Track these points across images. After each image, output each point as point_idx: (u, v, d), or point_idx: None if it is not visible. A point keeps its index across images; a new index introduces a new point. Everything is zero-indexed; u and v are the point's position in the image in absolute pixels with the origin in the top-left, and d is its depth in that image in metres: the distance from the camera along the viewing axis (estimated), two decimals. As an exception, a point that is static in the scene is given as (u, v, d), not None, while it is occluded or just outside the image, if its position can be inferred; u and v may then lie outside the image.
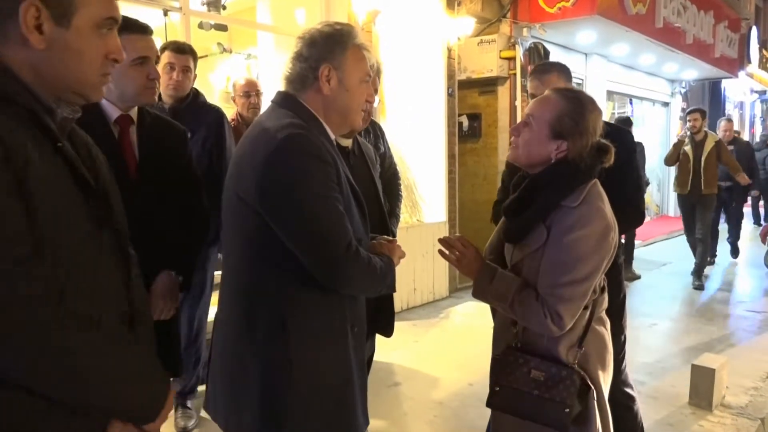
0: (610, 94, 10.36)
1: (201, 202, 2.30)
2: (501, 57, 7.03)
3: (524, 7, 7.10)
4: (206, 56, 6.71)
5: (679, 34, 9.13)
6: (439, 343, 4.81)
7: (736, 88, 15.90)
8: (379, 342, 2.70)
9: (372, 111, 2.41)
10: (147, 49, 2.01)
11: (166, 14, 4.44)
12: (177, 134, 2.28)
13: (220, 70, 6.91)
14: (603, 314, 1.82)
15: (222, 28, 6.32)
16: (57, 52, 1.05)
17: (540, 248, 1.68)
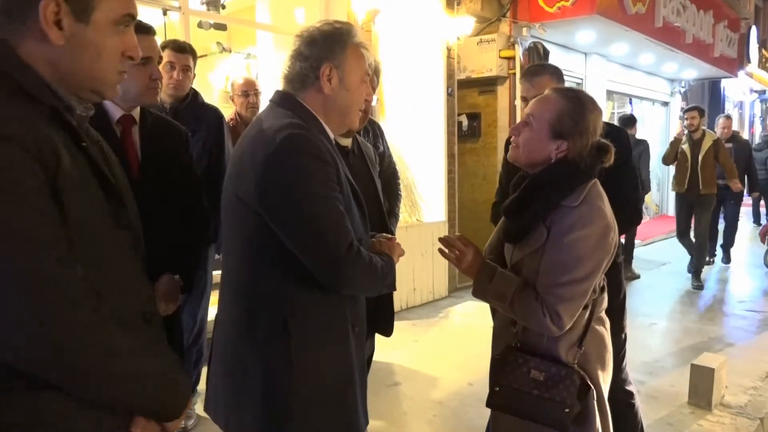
0: (610, 94, 10.36)
1: (201, 202, 2.31)
2: (500, 56, 7.02)
3: (524, 6, 7.10)
4: (205, 56, 6.71)
5: (679, 33, 9.13)
6: (438, 343, 4.81)
7: (735, 88, 15.92)
8: (379, 341, 2.70)
9: (370, 110, 2.40)
10: (150, 49, 2.01)
11: (165, 13, 4.44)
12: (178, 135, 2.29)
13: (219, 70, 6.90)
14: (602, 314, 1.82)
15: (221, 27, 6.31)
16: (76, 48, 1.03)
17: (540, 248, 1.68)
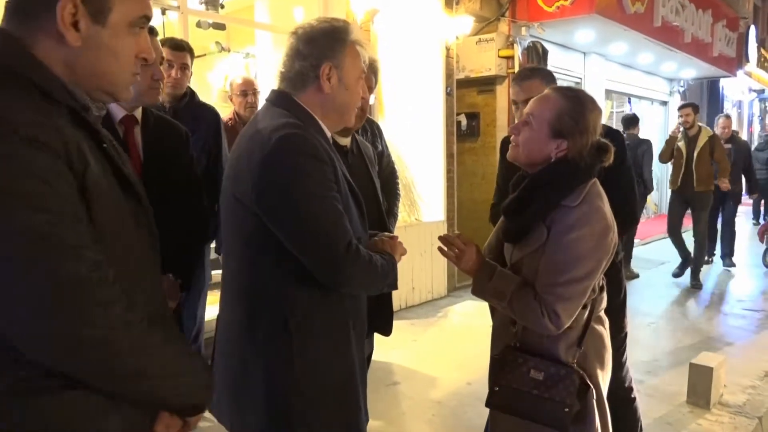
0: (609, 93, 10.36)
1: (201, 202, 2.31)
2: (499, 56, 7.03)
3: (523, 6, 7.10)
4: (204, 55, 6.70)
5: (678, 33, 9.13)
6: (437, 343, 4.81)
7: (734, 87, 15.92)
8: (378, 341, 2.70)
9: (367, 109, 2.40)
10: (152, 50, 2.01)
11: (164, 13, 4.44)
12: (179, 135, 2.29)
13: (218, 69, 6.90)
14: (602, 313, 1.82)
15: (220, 27, 6.31)
16: (92, 49, 1.03)
17: (540, 248, 1.67)
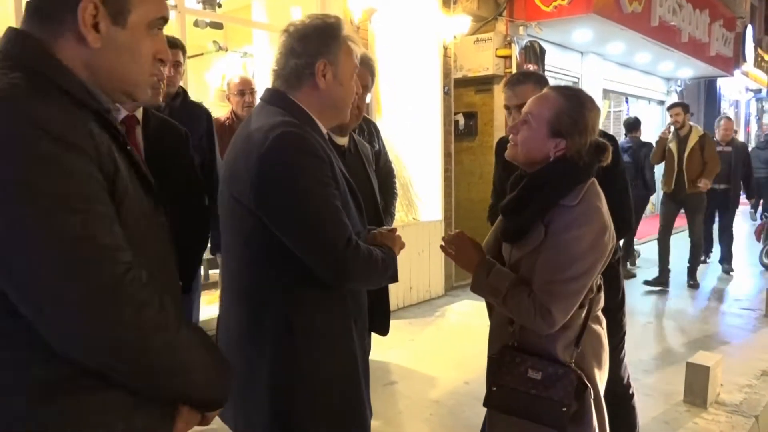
0: (606, 93, 10.38)
1: (202, 202, 2.31)
2: (497, 55, 7.03)
3: (520, 5, 7.11)
4: (202, 54, 6.69)
5: (675, 32, 9.15)
6: (435, 342, 4.81)
7: (731, 87, 15.95)
8: (375, 340, 2.70)
9: (364, 108, 2.39)
10: None
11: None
12: (179, 135, 2.29)
13: (215, 69, 6.89)
14: (599, 313, 1.82)
15: (217, 26, 6.30)
16: (112, 51, 1.03)
17: (538, 247, 1.68)
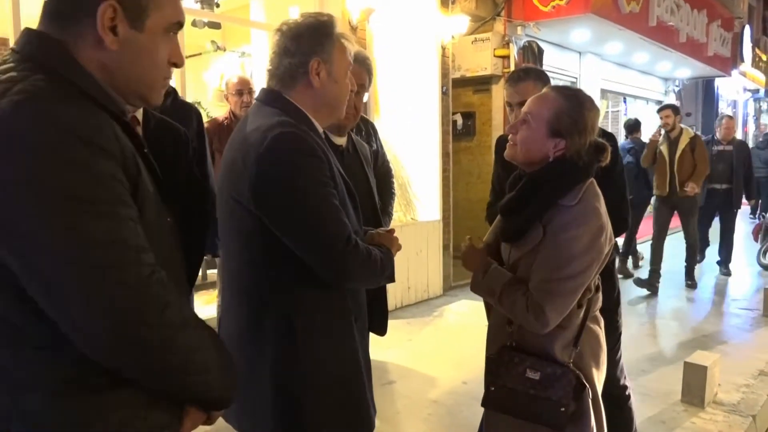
0: (604, 93, 10.39)
1: (202, 203, 2.30)
2: (495, 55, 7.04)
3: (518, 5, 7.12)
4: (200, 54, 6.68)
5: (673, 32, 9.17)
6: (433, 342, 4.81)
7: (729, 87, 15.98)
8: (373, 340, 2.68)
9: (361, 108, 2.39)
10: None
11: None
12: (179, 135, 2.28)
13: (214, 69, 6.88)
14: (597, 313, 1.82)
15: (215, 26, 6.29)
16: (129, 54, 1.04)
17: (536, 247, 1.68)
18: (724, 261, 7.15)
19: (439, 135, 6.14)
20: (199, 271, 2.30)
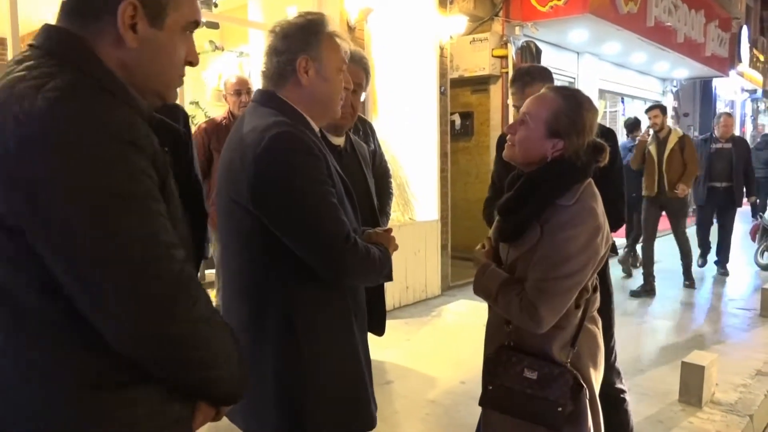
0: (602, 93, 10.40)
1: (202, 204, 2.30)
2: (493, 55, 7.04)
3: (516, 5, 7.13)
4: (198, 54, 6.67)
5: (671, 32, 9.18)
6: (431, 342, 4.82)
7: (727, 87, 15.99)
8: (371, 340, 2.67)
9: (358, 107, 2.39)
10: None
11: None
12: (179, 136, 2.28)
13: (212, 68, 6.87)
14: (595, 313, 1.83)
15: (214, 25, 6.29)
16: (148, 52, 1.05)
17: (533, 246, 1.68)
18: (722, 261, 7.14)
19: (437, 135, 6.14)
20: (198, 271, 2.31)
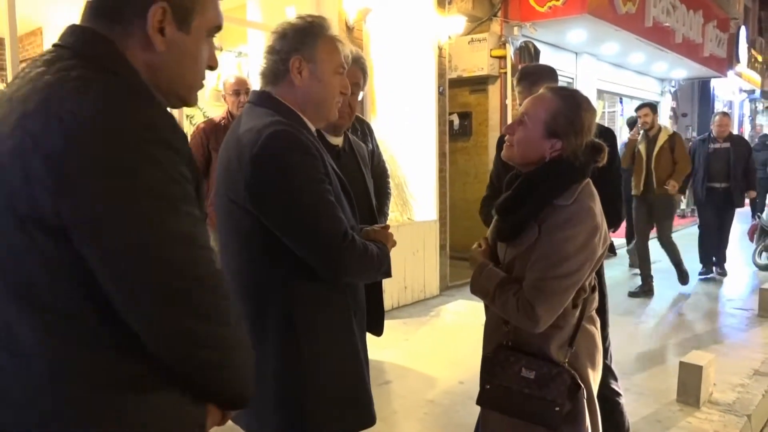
0: (600, 93, 10.41)
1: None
2: (492, 56, 7.05)
3: (515, 5, 7.13)
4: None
5: (669, 33, 9.19)
6: (429, 342, 4.82)
7: (725, 88, 16.02)
8: (370, 340, 2.67)
9: (356, 107, 2.39)
10: None
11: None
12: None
13: (210, 68, 6.86)
14: (593, 313, 1.83)
15: (212, 25, 6.28)
16: (174, 55, 1.06)
17: (531, 246, 1.68)
18: (720, 261, 7.12)
19: (436, 135, 6.14)
20: None
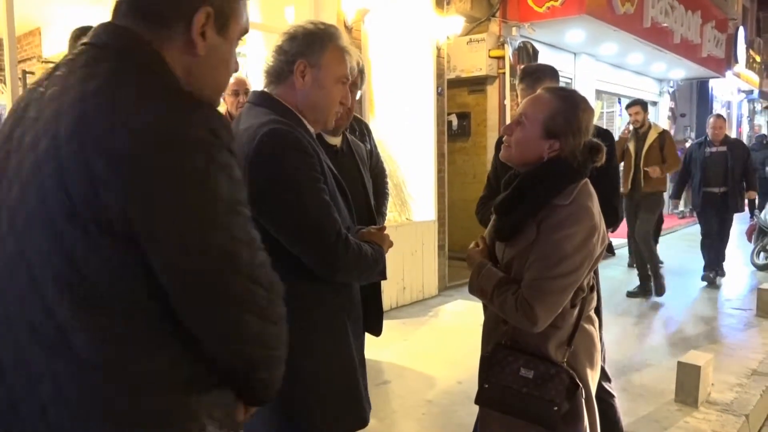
0: (599, 94, 10.42)
1: None
2: (490, 56, 7.05)
3: (513, 6, 7.14)
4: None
5: (667, 33, 9.20)
6: (428, 342, 4.82)
7: (723, 88, 16.03)
8: (368, 340, 2.68)
9: (354, 108, 2.40)
10: None
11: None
12: None
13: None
14: (592, 313, 1.83)
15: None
16: (212, 59, 1.07)
17: (529, 246, 1.68)
18: (718, 262, 7.05)
19: (434, 135, 6.14)
20: None
